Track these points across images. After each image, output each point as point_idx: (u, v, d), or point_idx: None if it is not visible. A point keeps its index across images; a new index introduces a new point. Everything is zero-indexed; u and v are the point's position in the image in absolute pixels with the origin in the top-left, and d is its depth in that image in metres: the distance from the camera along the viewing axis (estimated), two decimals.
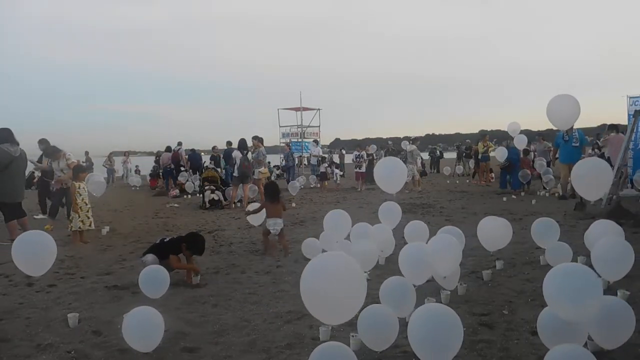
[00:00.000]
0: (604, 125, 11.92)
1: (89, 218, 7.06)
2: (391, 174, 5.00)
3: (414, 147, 15.18)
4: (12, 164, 6.66)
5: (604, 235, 4.06)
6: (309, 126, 27.50)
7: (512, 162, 12.70)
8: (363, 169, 15.14)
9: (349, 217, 5.22)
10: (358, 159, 15.14)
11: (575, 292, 2.59)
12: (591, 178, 4.63)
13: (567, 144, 10.01)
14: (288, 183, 15.61)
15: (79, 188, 7.05)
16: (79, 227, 6.95)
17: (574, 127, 9.43)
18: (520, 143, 12.93)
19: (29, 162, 7.92)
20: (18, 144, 6.84)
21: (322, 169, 16.27)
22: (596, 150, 14.10)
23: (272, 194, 6.12)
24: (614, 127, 11.74)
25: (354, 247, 4.71)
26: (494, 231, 4.71)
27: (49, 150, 8.33)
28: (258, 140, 11.57)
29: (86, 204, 7.08)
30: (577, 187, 4.90)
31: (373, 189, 15.24)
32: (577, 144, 10.00)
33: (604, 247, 3.69)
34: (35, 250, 3.87)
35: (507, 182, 13.01)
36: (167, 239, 5.15)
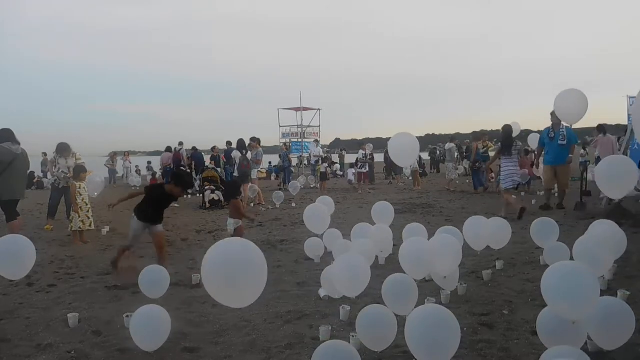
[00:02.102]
0: (602, 125, 11.76)
1: (89, 218, 7.07)
2: (404, 147, 5.17)
3: (452, 145, 14.98)
4: (13, 162, 6.71)
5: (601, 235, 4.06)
6: (309, 126, 27.53)
7: (483, 162, 12.89)
8: (367, 169, 15.04)
9: (326, 210, 5.22)
10: (364, 159, 14.86)
11: (573, 290, 2.60)
12: (617, 176, 4.37)
13: (552, 143, 8.66)
14: (285, 183, 15.64)
15: (80, 188, 7.05)
16: (79, 227, 6.96)
17: (562, 123, 8.45)
18: (535, 143, 12.78)
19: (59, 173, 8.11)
20: (19, 144, 6.89)
21: (322, 169, 16.27)
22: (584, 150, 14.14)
23: (226, 196, 6.45)
24: (602, 129, 11.63)
25: (354, 247, 4.72)
26: (483, 230, 4.72)
27: (61, 147, 8.40)
28: (256, 141, 11.84)
29: (86, 204, 7.09)
30: (601, 183, 4.59)
31: (373, 189, 15.25)
32: (564, 143, 8.57)
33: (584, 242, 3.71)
34: (12, 254, 3.79)
35: (480, 181, 13.22)
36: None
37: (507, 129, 8.46)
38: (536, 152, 9.98)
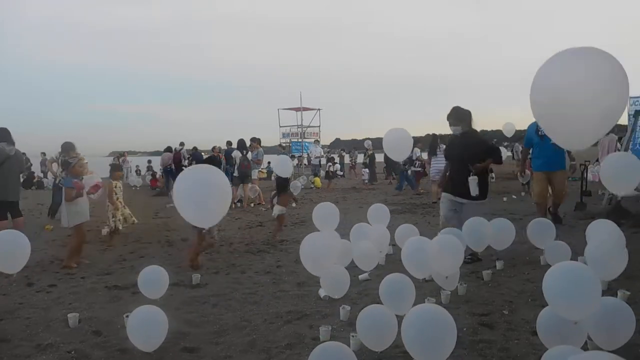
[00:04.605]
0: None
1: (115, 217, 7.03)
2: (398, 142, 5.23)
3: None
4: (5, 163, 6.68)
5: (601, 236, 4.06)
6: (309, 126, 27.52)
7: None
8: (420, 167, 14.67)
9: (336, 210, 5.13)
10: (417, 158, 14.00)
11: (574, 289, 2.61)
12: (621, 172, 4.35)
13: (543, 142, 6.57)
14: None
15: (115, 187, 7.07)
16: (114, 227, 6.95)
17: None
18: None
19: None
20: (14, 144, 6.87)
21: (328, 168, 16.52)
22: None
23: (277, 190, 7.20)
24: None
25: (354, 248, 4.71)
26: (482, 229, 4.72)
27: (66, 146, 8.44)
28: (256, 141, 11.91)
29: (120, 203, 7.09)
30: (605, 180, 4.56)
31: (373, 189, 15.25)
32: None
33: (597, 248, 3.69)
34: (7, 248, 3.97)
35: (403, 184, 13.74)
36: None
37: (435, 138, 11.09)
38: (521, 154, 7.84)
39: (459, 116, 5.42)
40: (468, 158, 5.19)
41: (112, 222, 6.94)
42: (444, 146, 11.02)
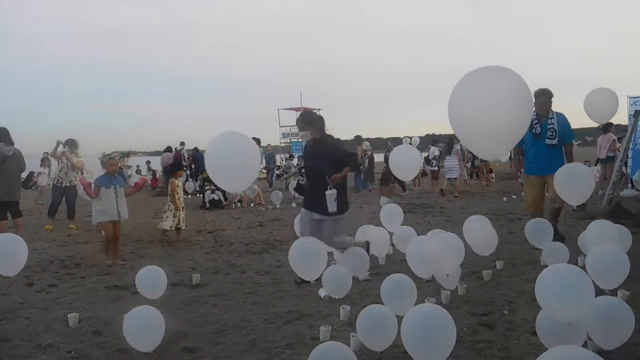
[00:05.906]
0: (606, 123, 11.69)
1: (175, 217, 7.04)
2: (407, 161, 5.14)
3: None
4: (4, 163, 6.67)
5: (600, 238, 4.05)
6: None
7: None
8: (436, 167, 14.28)
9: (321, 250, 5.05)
10: (434, 158, 13.91)
11: (565, 291, 2.63)
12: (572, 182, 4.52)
13: (538, 141, 5.55)
14: (271, 185, 15.67)
15: (177, 187, 7.10)
16: (170, 226, 6.98)
17: (553, 111, 5.58)
18: None
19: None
20: (13, 144, 6.85)
21: None
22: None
23: (382, 181, 8.11)
24: (604, 126, 11.54)
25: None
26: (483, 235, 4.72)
27: (69, 142, 8.46)
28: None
29: (181, 204, 7.10)
30: (560, 191, 4.66)
31: (373, 189, 15.23)
32: (554, 142, 5.48)
33: (598, 255, 3.68)
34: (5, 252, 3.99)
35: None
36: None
37: (452, 136, 11.75)
38: (513, 153, 6.29)
39: (306, 120, 4.93)
40: (322, 168, 4.57)
41: (173, 221, 6.96)
42: (458, 147, 12.11)
